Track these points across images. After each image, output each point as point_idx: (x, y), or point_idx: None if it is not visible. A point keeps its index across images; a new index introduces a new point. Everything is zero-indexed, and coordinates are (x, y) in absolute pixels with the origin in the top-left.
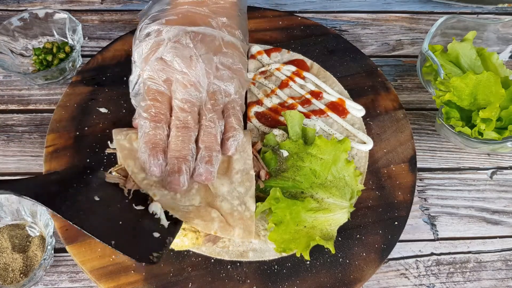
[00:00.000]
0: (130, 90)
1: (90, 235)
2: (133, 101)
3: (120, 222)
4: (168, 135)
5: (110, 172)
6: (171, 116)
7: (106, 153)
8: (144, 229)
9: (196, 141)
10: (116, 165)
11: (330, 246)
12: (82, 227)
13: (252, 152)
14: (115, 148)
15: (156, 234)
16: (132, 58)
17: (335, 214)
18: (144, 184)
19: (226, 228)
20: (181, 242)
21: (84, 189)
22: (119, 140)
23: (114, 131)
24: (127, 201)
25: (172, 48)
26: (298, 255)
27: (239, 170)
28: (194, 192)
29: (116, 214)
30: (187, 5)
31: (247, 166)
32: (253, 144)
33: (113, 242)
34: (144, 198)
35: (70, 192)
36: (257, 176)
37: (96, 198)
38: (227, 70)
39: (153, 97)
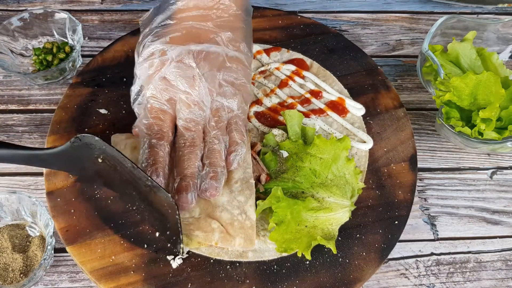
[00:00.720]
0: (131, 99)
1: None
2: (134, 109)
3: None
4: (169, 153)
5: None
6: (172, 135)
7: None
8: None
9: (201, 158)
10: None
11: (332, 246)
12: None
13: (252, 155)
14: None
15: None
16: (134, 70)
17: (336, 213)
18: None
19: (227, 239)
20: (186, 242)
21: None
22: (119, 150)
23: (113, 139)
24: None
25: (175, 68)
26: (299, 255)
27: (239, 179)
28: (195, 204)
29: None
30: (191, 20)
31: (247, 175)
32: (253, 146)
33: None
34: None
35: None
36: (257, 180)
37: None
38: (230, 86)
39: (156, 115)
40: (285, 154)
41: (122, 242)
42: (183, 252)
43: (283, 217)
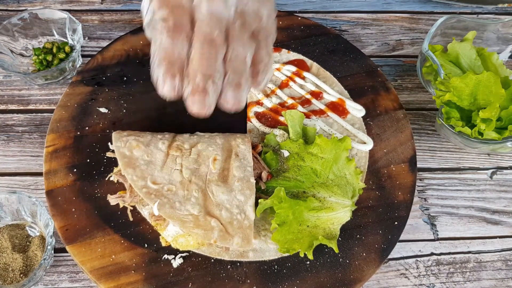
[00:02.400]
0: (143, 19)
1: None
2: (147, 33)
3: None
4: (188, 53)
5: (110, 177)
6: (192, 31)
7: (106, 156)
8: None
9: (223, 62)
10: (115, 169)
11: (333, 245)
12: None
13: (253, 154)
14: (114, 151)
15: None
16: None
17: (338, 213)
18: (143, 192)
19: (225, 237)
20: (186, 241)
21: None
22: (119, 148)
23: (114, 136)
24: None
25: None
26: (301, 254)
27: (240, 178)
28: (194, 201)
29: None
30: None
31: (247, 174)
32: (254, 147)
33: None
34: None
35: None
36: (259, 178)
37: None
38: None
39: (174, 3)
40: (286, 153)
41: (122, 241)
42: None
43: (285, 217)
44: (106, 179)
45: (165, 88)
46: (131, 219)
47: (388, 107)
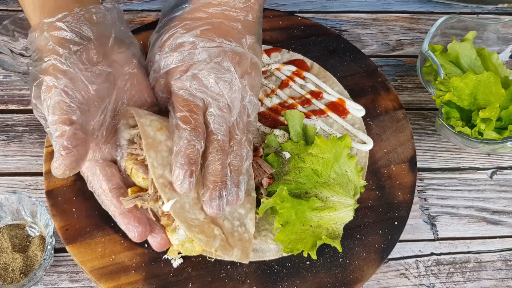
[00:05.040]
0: (150, 78)
1: None
2: (152, 81)
3: None
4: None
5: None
6: (204, 133)
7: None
8: None
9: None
10: (129, 154)
11: (337, 245)
12: None
13: (254, 160)
14: (135, 144)
15: None
16: (153, 58)
17: (341, 212)
18: (159, 183)
19: (226, 248)
20: (191, 247)
21: None
22: (143, 124)
23: (135, 111)
24: None
25: (212, 69)
26: (305, 254)
27: None
28: (201, 207)
29: None
30: (222, 18)
31: (249, 187)
32: (255, 149)
33: None
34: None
35: None
36: (260, 184)
37: None
38: (253, 94)
39: (190, 108)
40: (287, 155)
41: (122, 241)
42: None
43: (288, 217)
44: (123, 201)
45: (184, 184)
46: (153, 217)
47: (388, 107)
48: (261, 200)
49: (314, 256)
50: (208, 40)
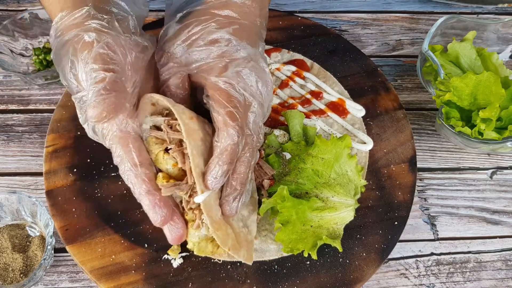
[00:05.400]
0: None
1: None
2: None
3: None
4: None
5: (163, 153)
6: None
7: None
8: None
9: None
10: (169, 143)
11: (337, 245)
12: None
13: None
14: (161, 132)
15: None
16: (167, 49)
17: (341, 212)
18: (197, 172)
19: (236, 247)
20: (205, 246)
21: None
22: (179, 112)
23: (165, 98)
24: None
25: (253, 68)
26: (305, 254)
27: None
28: (218, 204)
29: None
30: (247, 21)
31: (251, 189)
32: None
33: None
34: None
35: None
36: (261, 185)
37: None
38: None
39: (235, 105)
40: (288, 155)
41: (122, 241)
42: None
43: (289, 217)
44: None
45: (217, 184)
46: (187, 212)
47: (388, 107)
48: (262, 200)
49: (314, 256)
50: (240, 41)
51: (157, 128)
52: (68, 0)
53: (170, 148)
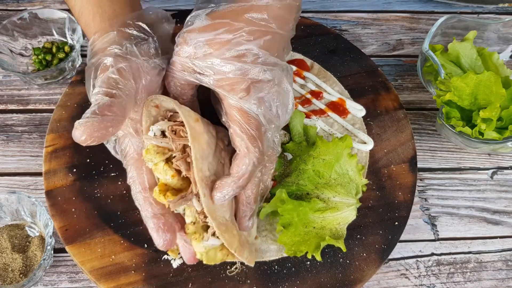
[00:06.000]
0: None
1: None
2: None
3: None
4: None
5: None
6: None
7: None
8: None
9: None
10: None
11: (341, 245)
12: None
13: None
14: (165, 138)
15: None
16: (194, 44)
17: (343, 212)
18: (199, 177)
19: (240, 249)
20: (214, 254)
21: None
22: (185, 114)
23: (172, 100)
24: None
25: (276, 94)
26: (309, 256)
27: None
28: (227, 205)
29: None
30: (280, 30)
31: None
32: None
33: None
34: None
35: None
36: None
37: None
38: None
39: (257, 127)
40: (289, 156)
41: (122, 241)
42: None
43: (290, 219)
44: (146, 158)
45: (224, 202)
46: (187, 227)
47: (388, 107)
48: (262, 204)
49: (318, 258)
50: (269, 55)
51: (163, 134)
52: (100, 23)
53: (174, 156)
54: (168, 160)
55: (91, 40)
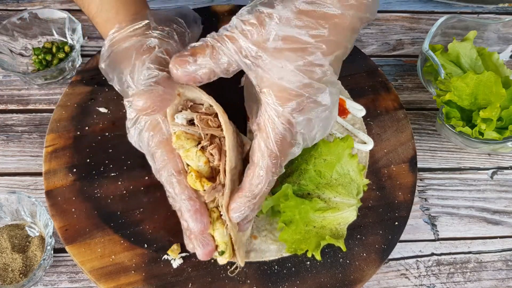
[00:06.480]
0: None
1: None
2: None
3: None
4: None
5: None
6: None
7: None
8: None
9: None
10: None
11: (341, 245)
12: None
13: None
14: (194, 126)
15: None
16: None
17: (344, 212)
18: (229, 167)
19: (239, 248)
20: (228, 255)
21: None
22: (217, 105)
23: (195, 88)
24: None
25: (325, 119)
26: (309, 255)
27: None
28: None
29: None
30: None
31: None
32: None
33: None
34: None
35: None
36: None
37: None
38: None
39: (283, 147)
40: None
41: (122, 241)
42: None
43: (292, 217)
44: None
45: (238, 218)
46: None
47: (388, 107)
48: (265, 197)
49: (318, 257)
50: (333, 74)
51: (191, 123)
52: (125, 17)
53: (204, 145)
54: (201, 148)
55: (114, 29)
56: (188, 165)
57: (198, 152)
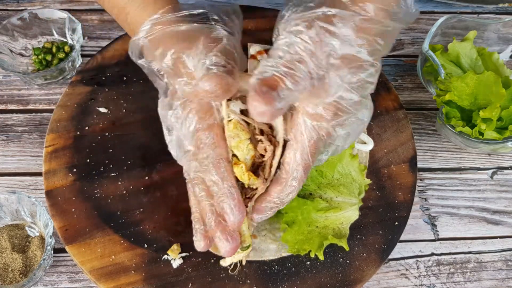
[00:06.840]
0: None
1: None
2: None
3: None
4: None
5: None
6: None
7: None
8: None
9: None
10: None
11: (344, 244)
12: None
13: None
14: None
15: None
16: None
17: (346, 212)
18: (276, 161)
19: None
20: (237, 255)
21: None
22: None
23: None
24: None
25: (358, 130)
26: (312, 255)
27: None
28: None
29: None
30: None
31: None
32: None
33: None
34: None
35: None
36: None
37: None
38: None
39: (306, 167)
40: None
41: (122, 241)
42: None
43: (294, 217)
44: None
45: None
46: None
47: (388, 107)
48: None
49: (321, 257)
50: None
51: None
52: (164, 4)
53: (259, 139)
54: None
55: (160, 12)
56: (234, 155)
57: (250, 145)
